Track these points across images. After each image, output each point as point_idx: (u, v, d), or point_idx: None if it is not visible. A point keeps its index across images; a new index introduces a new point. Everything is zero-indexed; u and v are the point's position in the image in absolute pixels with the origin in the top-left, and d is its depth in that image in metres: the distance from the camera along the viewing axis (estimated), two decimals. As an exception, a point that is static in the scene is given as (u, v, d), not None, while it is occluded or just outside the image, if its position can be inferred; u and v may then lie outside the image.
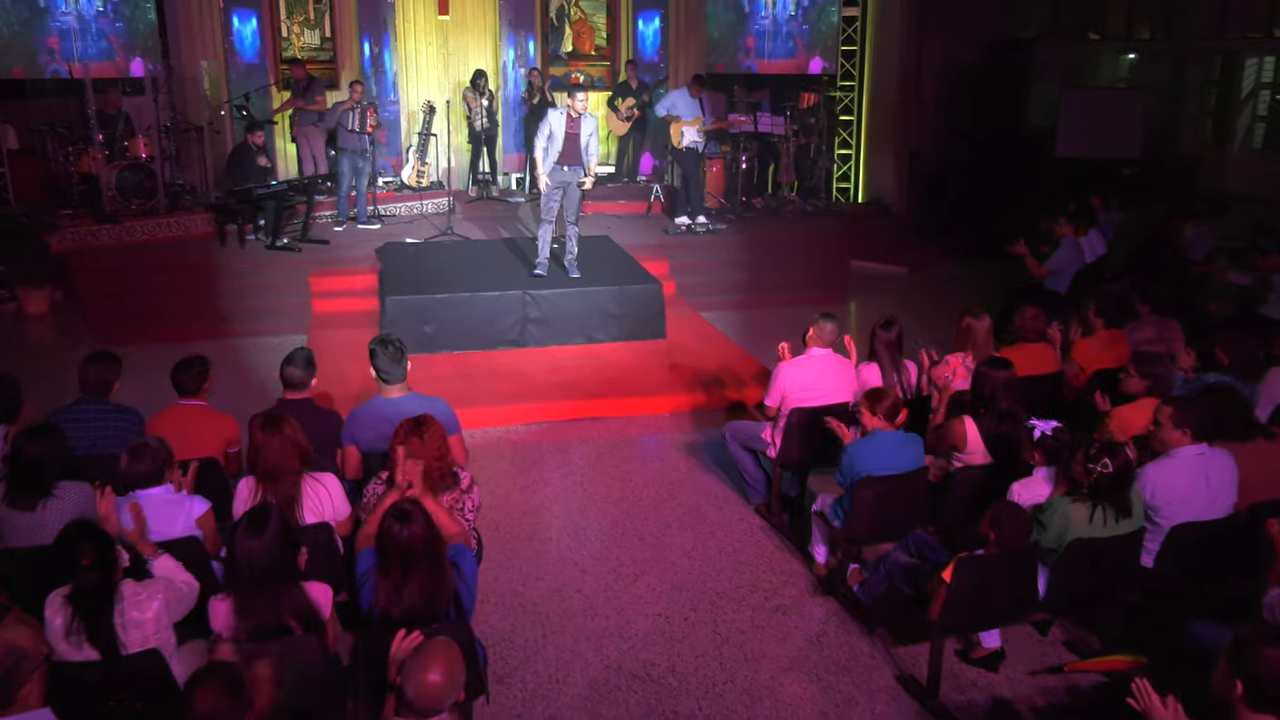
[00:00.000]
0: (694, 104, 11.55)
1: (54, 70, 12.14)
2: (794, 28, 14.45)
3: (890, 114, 13.84)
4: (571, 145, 8.81)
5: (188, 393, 5.07)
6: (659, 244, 11.06)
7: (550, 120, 8.82)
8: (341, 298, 9.61)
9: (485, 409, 7.39)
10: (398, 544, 3.57)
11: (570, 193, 8.97)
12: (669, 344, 8.85)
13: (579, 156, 8.86)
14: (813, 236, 11.91)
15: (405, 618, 3.53)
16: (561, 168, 8.86)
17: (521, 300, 8.66)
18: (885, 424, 4.97)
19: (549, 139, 8.79)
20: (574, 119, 8.77)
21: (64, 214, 11.03)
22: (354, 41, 13.19)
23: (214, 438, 4.99)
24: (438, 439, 4.26)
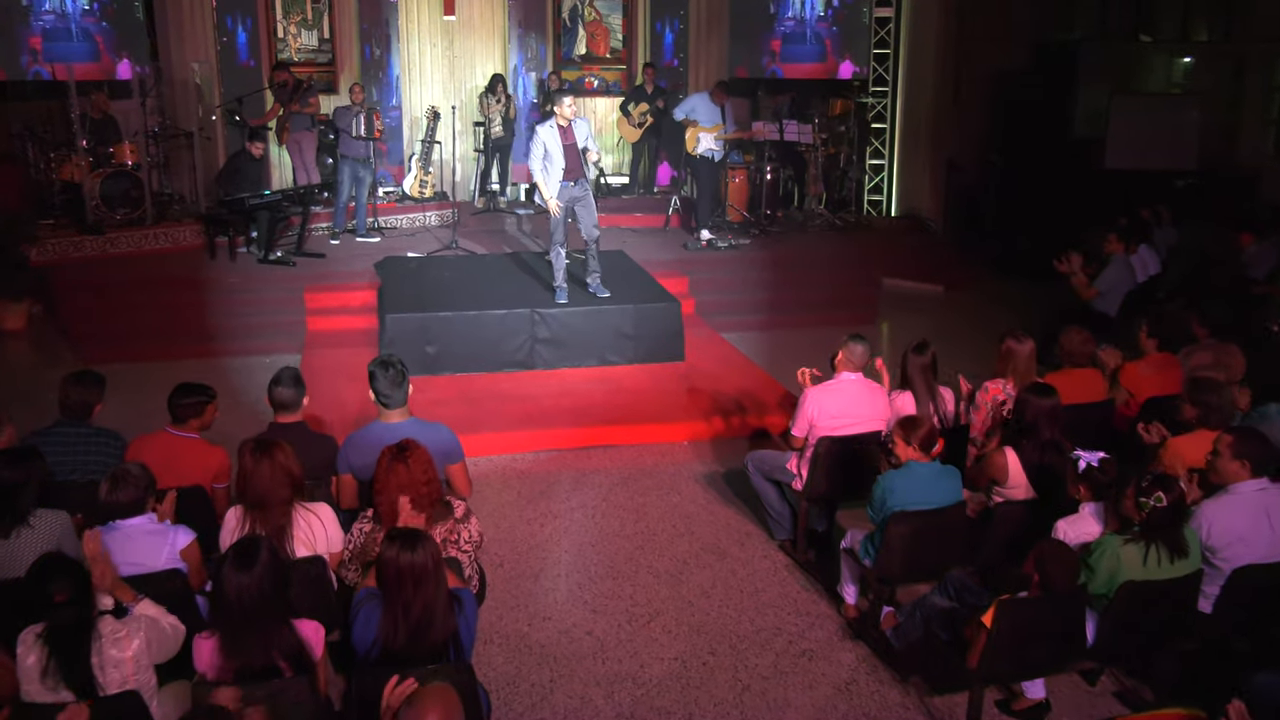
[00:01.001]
0: (715, 110, 11.61)
1: (36, 72, 12.28)
2: (823, 29, 14.51)
3: (926, 122, 13.85)
4: (572, 157, 8.65)
5: (180, 421, 5.05)
6: (677, 260, 11.09)
7: (541, 136, 8.63)
8: (338, 315, 9.66)
9: (490, 435, 7.40)
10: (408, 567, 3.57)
11: (585, 207, 8.86)
12: (687, 367, 8.85)
13: (582, 168, 8.74)
14: (842, 252, 11.91)
15: (407, 647, 3.53)
16: (569, 183, 8.71)
17: (530, 319, 8.69)
18: (920, 455, 4.95)
19: (545, 158, 8.63)
20: (564, 128, 8.63)
21: (44, 224, 11.12)
22: (354, 43, 13.31)
23: (199, 471, 4.96)
24: (423, 464, 4.26)
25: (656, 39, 14.34)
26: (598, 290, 9.06)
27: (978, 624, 4.21)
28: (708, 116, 11.60)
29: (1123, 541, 4.34)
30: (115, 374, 6.37)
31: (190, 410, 5.04)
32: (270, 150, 12.72)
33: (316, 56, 13.17)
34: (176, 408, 5.05)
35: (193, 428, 5.06)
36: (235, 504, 4.43)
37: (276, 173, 13.01)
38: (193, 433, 5.06)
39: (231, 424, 7.16)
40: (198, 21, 12.48)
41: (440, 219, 12.60)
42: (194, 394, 5.08)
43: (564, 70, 14.07)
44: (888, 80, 14.25)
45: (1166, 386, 6.20)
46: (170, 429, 5.05)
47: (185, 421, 5.04)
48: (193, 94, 12.29)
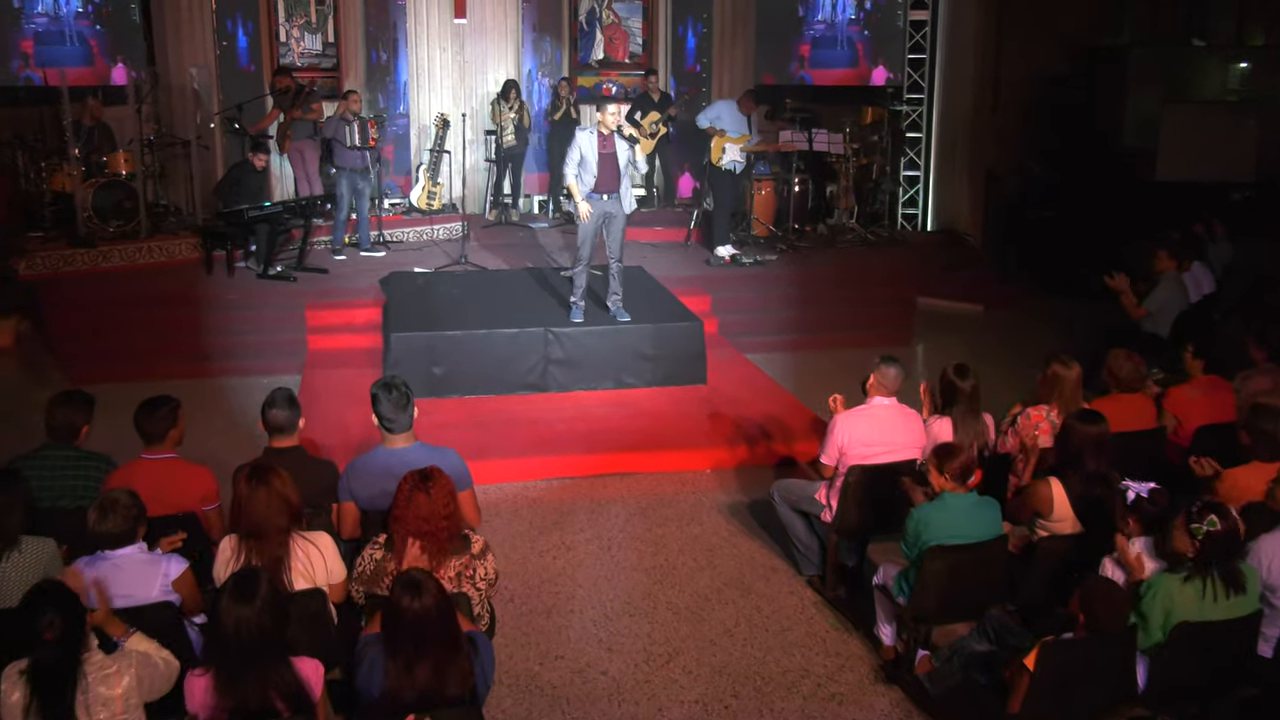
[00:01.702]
0: (742, 120, 11.64)
1: (26, 77, 12.41)
2: (854, 33, 14.54)
3: (964, 131, 13.86)
4: (607, 169, 8.66)
5: (154, 440, 5.04)
6: (699, 276, 11.10)
7: (579, 142, 8.68)
8: (340, 334, 9.71)
9: (501, 462, 7.41)
10: (407, 619, 3.58)
11: (612, 225, 8.86)
12: (710, 390, 8.85)
13: (617, 181, 8.73)
14: (875, 269, 11.90)
15: (418, 702, 3.53)
16: (600, 196, 8.72)
17: (543, 339, 8.71)
18: (957, 486, 4.93)
19: (580, 164, 8.68)
20: (605, 137, 8.66)
21: (34, 237, 11.23)
22: (360, 48, 13.42)
23: (186, 496, 4.96)
24: (446, 495, 4.28)
25: (678, 43, 14.40)
26: (618, 314, 9.06)
27: (1019, 667, 4.19)
28: (735, 126, 11.62)
29: (1173, 579, 4.30)
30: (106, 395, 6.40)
31: (163, 423, 5.04)
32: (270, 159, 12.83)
33: (320, 61, 13.29)
34: (149, 425, 5.03)
35: (170, 444, 5.07)
36: (230, 533, 4.45)
37: (277, 183, 13.11)
38: (170, 451, 5.06)
39: (227, 448, 7.21)
40: (196, 24, 12.61)
41: (449, 232, 12.66)
42: (160, 406, 5.08)
43: (580, 76, 14.14)
44: (923, 87, 14.27)
45: (1215, 412, 6.16)
46: (147, 454, 5.04)
47: (162, 438, 5.04)
48: (190, 100, 12.41)
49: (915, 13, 14.10)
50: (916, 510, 4.99)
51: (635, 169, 8.80)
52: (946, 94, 14.18)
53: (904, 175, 14.30)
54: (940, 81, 14.26)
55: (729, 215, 11.89)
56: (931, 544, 4.87)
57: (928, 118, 14.36)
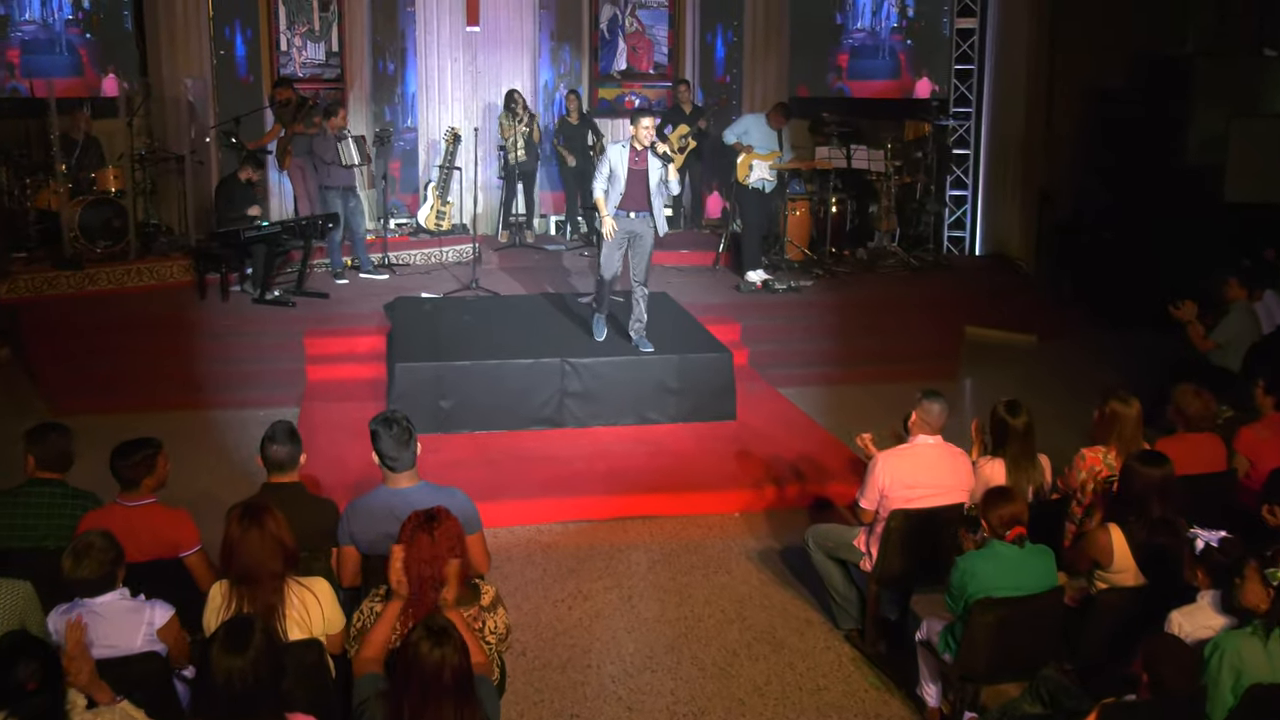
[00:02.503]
0: (771, 135, 11.67)
1: (12, 87, 12.59)
2: (896, 42, 14.59)
3: (1015, 147, 13.85)
4: (637, 186, 8.73)
5: (130, 485, 5.05)
6: (728, 303, 11.12)
7: (610, 157, 8.78)
8: (341, 363, 9.76)
9: (512, 503, 7.41)
10: (424, 667, 3.57)
11: (638, 246, 8.92)
12: (739, 426, 8.84)
13: (647, 200, 8.79)
14: (918, 296, 11.89)
15: None
16: (626, 214, 8.79)
17: (560, 370, 8.73)
18: (1008, 532, 4.90)
19: (610, 179, 8.76)
20: (638, 152, 8.70)
21: (17, 257, 11.34)
22: (365, 58, 13.54)
23: (162, 545, 4.97)
24: (452, 539, 4.27)
25: (706, 52, 14.48)
26: (640, 343, 9.07)
27: (1077, 732, 4.15)
28: (763, 142, 11.66)
29: (1245, 635, 4.25)
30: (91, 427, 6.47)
31: (141, 469, 5.04)
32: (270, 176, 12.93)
33: (323, 72, 13.43)
34: (124, 470, 5.04)
35: (147, 490, 5.07)
36: (221, 578, 4.46)
37: (276, 201, 13.22)
38: (148, 496, 5.07)
39: (219, 485, 7.25)
40: (192, 32, 12.76)
41: (459, 255, 12.73)
42: (139, 449, 5.08)
43: (601, 87, 14.25)
44: (971, 100, 14.29)
45: (1288, 452, 6.11)
46: (122, 500, 5.04)
47: (138, 484, 5.04)
48: (185, 113, 12.51)
49: (962, 20, 14.13)
50: (962, 559, 4.96)
51: (667, 188, 8.87)
52: (996, 108, 14.19)
53: (950, 195, 14.30)
54: (989, 94, 14.27)
55: (758, 237, 11.91)
56: (980, 596, 4.83)
57: (976, 133, 14.36)
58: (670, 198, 9.03)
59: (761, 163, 11.62)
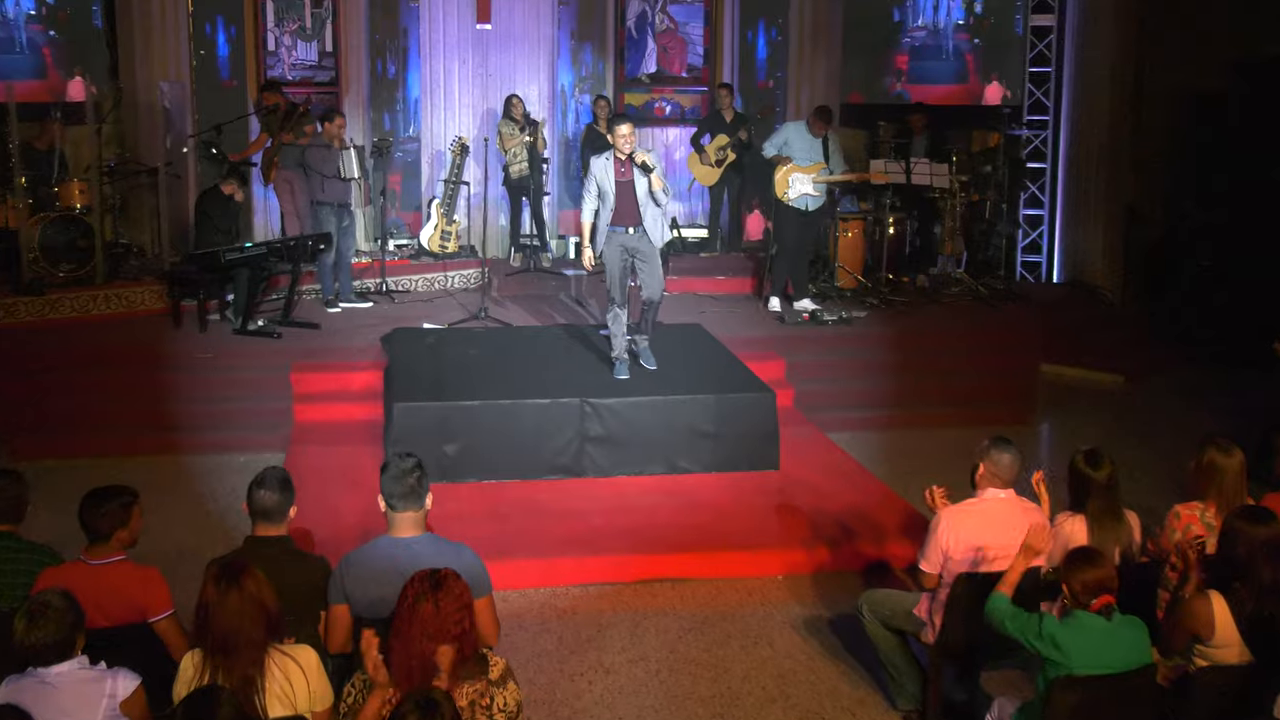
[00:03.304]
0: (814, 145, 11.67)
1: (-33, 92, 12.75)
2: (963, 42, 14.63)
3: (1098, 160, 13.85)
4: (627, 199, 8.96)
5: (98, 538, 5.05)
6: (771, 336, 11.12)
7: (593, 171, 9.00)
8: (333, 402, 9.80)
9: (525, 563, 7.40)
10: None
11: (644, 262, 9.10)
12: (783, 477, 8.81)
13: (638, 213, 9.00)
14: (988, 330, 11.85)
15: None
16: (625, 229, 9.02)
17: (579, 411, 8.73)
18: (1094, 601, 4.86)
19: (600, 198, 8.98)
20: (622, 162, 8.93)
21: (-31, 282, 11.42)
22: (363, 58, 13.65)
23: (129, 609, 4.97)
24: (459, 606, 4.26)
25: (747, 53, 14.54)
26: (645, 359, 9.29)
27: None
28: (805, 153, 11.68)
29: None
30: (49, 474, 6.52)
31: (113, 519, 5.05)
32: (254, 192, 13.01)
33: (315, 74, 13.55)
34: (93, 520, 5.05)
35: (117, 545, 5.08)
36: (194, 646, 4.45)
37: (261, 220, 13.31)
38: (116, 554, 5.07)
39: (193, 539, 7.27)
40: (169, 30, 12.90)
41: (466, 281, 12.79)
42: (113, 497, 5.10)
43: (628, 93, 14.31)
44: (1047, 107, 14.30)
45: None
46: (86, 557, 5.05)
47: (108, 537, 5.05)
48: (159, 120, 12.61)
49: (1038, 17, 14.16)
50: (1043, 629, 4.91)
51: (654, 200, 8.99)
52: (1076, 115, 14.19)
53: (1024, 214, 14.30)
54: (1069, 100, 14.28)
55: (791, 262, 11.94)
56: (1061, 673, 4.79)
57: (1053, 144, 14.37)
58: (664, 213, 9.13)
59: (803, 176, 11.62)
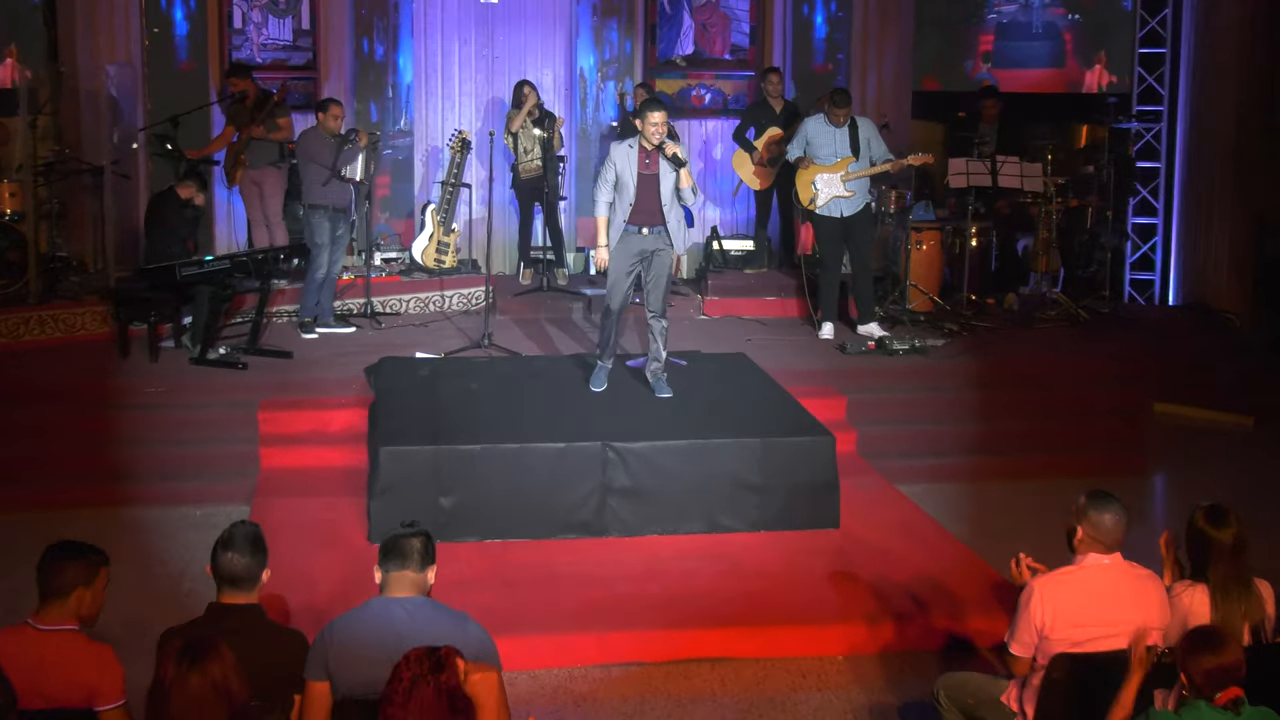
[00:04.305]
0: (839, 137, 11.68)
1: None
2: (1059, 18, 14.65)
3: (1224, 159, 13.81)
4: (648, 195, 9.20)
5: (57, 597, 5.08)
6: (830, 369, 11.14)
7: (613, 159, 9.27)
8: (307, 445, 9.82)
9: (536, 639, 7.40)
10: None
11: (654, 268, 9.32)
12: (844, 537, 8.79)
13: (661, 213, 9.23)
14: (1090, 361, 11.82)
15: None
16: (638, 229, 9.26)
17: (601, 458, 8.73)
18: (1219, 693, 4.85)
19: (617, 188, 9.24)
20: (648, 152, 9.17)
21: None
22: (346, 37, 13.73)
23: (75, 687, 4.93)
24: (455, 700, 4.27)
25: (802, 31, 14.52)
26: (658, 388, 9.44)
27: None
28: (828, 148, 11.72)
29: None
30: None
31: (76, 575, 5.06)
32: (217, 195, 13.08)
33: (289, 56, 13.64)
34: (53, 575, 5.05)
35: (72, 611, 5.08)
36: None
37: (224, 228, 13.36)
38: (70, 622, 5.09)
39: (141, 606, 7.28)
40: (117, 5, 13.00)
41: (467, 301, 12.83)
42: (80, 555, 5.11)
43: (660, 78, 14.32)
44: (1161, 95, 14.29)
45: None
46: (35, 621, 5.07)
47: (65, 597, 5.05)
48: (105, 111, 12.63)
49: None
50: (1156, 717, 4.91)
51: (681, 198, 9.21)
52: (1197, 106, 14.17)
53: (1132, 224, 14.27)
54: (1187, 87, 14.26)
55: (835, 281, 11.98)
56: (1178, 776, 4.78)
57: (1168, 140, 14.35)
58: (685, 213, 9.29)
59: (830, 177, 11.63)
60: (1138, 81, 14.30)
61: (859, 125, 11.79)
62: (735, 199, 14.35)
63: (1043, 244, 13.21)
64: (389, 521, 7.69)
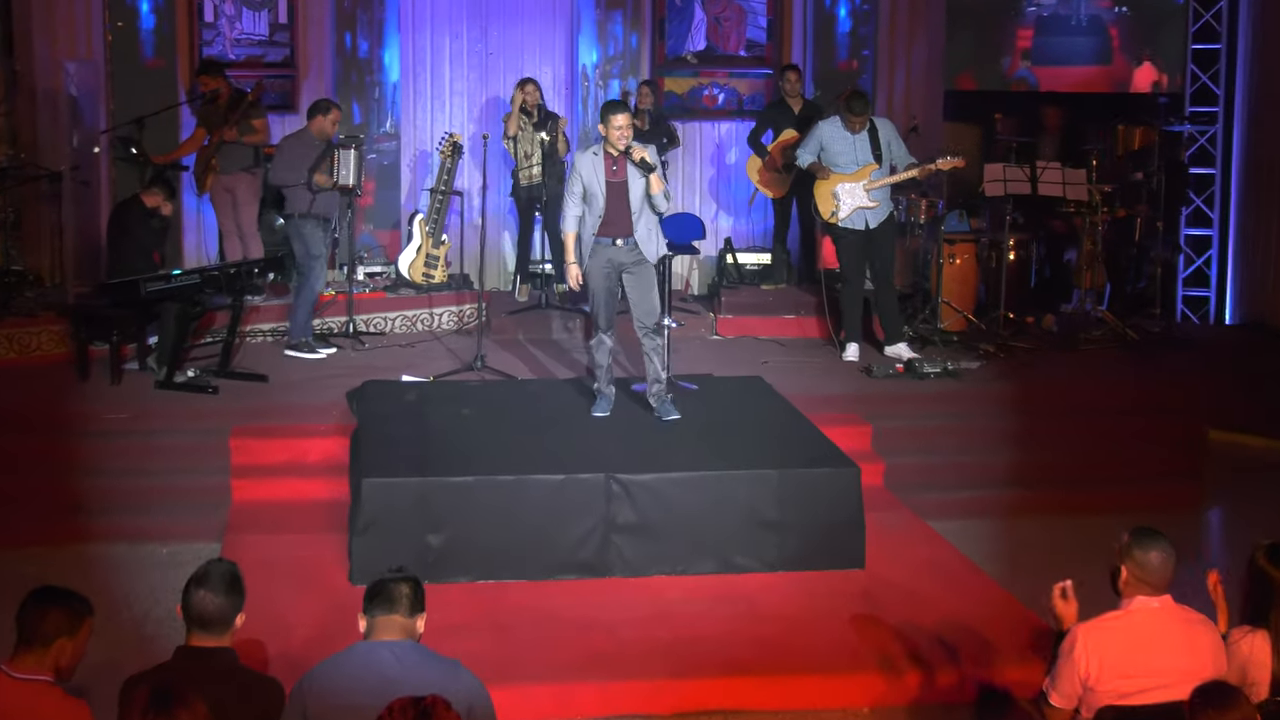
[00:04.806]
0: (857, 143, 11.70)
1: None
2: (1104, 11, 14.64)
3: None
4: (618, 204, 9.30)
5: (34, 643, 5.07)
6: (855, 394, 11.16)
7: (577, 167, 9.36)
8: (283, 476, 9.81)
9: (533, 688, 7.40)
10: None
11: (636, 281, 9.43)
12: (869, 578, 8.79)
13: (630, 223, 9.33)
14: (1139, 385, 11.82)
15: None
16: (611, 241, 9.37)
17: (604, 491, 8.72)
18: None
19: (585, 200, 9.34)
20: (613, 158, 9.25)
21: None
22: (327, 32, 13.77)
23: None
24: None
25: (824, 25, 14.51)
26: (663, 410, 9.53)
27: None
28: (848, 156, 11.71)
29: None
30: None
31: (59, 626, 5.07)
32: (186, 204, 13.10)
33: (265, 52, 13.67)
34: (33, 624, 5.05)
35: (51, 661, 5.10)
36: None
37: (194, 240, 13.38)
38: (46, 673, 5.10)
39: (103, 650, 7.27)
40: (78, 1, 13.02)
41: (456, 319, 12.84)
42: (67, 598, 5.14)
43: (669, 76, 14.36)
44: (1216, 95, 14.30)
45: None
46: (8, 668, 5.08)
47: (46, 645, 5.06)
48: (64, 112, 12.69)
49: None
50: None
51: (652, 206, 9.29)
52: (1255, 107, 14.17)
53: (1185, 235, 14.27)
54: (1245, 87, 14.26)
55: (859, 298, 12.00)
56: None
57: (1224, 144, 14.35)
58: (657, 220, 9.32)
59: (852, 186, 11.64)
60: (1190, 80, 14.31)
61: (878, 127, 11.81)
62: (750, 207, 14.33)
63: (1087, 257, 13.21)
64: (372, 560, 7.80)
